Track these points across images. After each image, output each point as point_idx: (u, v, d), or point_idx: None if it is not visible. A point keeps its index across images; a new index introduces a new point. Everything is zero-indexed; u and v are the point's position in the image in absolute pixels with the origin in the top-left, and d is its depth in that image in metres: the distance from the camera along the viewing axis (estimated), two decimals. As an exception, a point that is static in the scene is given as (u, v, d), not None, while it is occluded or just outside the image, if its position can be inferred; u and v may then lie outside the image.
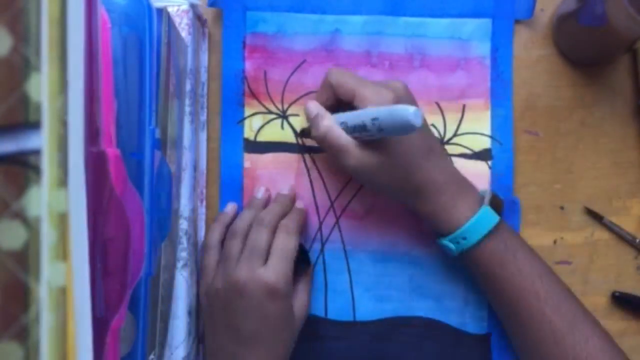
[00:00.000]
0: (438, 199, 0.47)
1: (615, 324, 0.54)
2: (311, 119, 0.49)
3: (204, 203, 0.54)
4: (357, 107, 0.46)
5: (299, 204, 0.53)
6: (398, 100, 0.46)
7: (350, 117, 0.46)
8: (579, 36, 0.53)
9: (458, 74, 0.54)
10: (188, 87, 0.49)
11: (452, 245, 0.48)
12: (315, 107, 0.49)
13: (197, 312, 0.52)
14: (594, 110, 0.55)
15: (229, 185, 0.54)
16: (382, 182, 0.48)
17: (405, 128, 0.41)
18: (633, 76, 0.55)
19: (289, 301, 0.47)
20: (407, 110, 0.41)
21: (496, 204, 0.49)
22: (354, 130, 0.46)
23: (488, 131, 0.54)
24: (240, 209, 0.54)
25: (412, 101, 0.48)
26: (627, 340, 0.54)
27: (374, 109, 0.44)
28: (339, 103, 0.49)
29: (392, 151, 0.46)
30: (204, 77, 0.54)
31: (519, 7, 0.55)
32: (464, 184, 0.49)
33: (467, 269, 0.51)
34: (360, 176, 0.48)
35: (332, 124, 0.47)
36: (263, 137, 0.54)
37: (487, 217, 0.47)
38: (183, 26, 0.49)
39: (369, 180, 0.48)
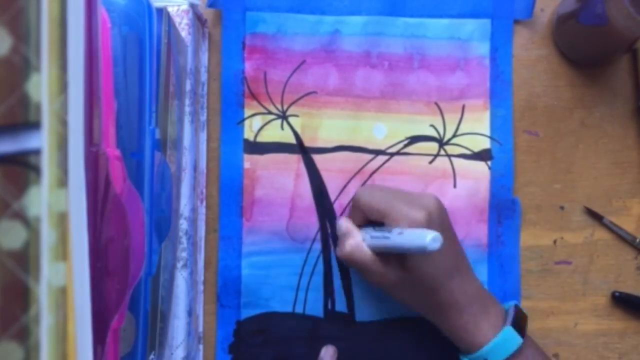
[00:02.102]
0: (460, 319, 0.47)
1: (615, 324, 0.54)
2: (339, 236, 0.50)
3: (204, 203, 0.54)
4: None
5: None
6: (430, 219, 0.45)
7: (377, 240, 0.46)
8: (579, 36, 0.53)
9: (457, 75, 0.55)
10: (188, 87, 0.49)
11: None
12: (344, 224, 0.50)
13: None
14: (594, 110, 0.55)
15: (229, 186, 0.54)
16: (404, 298, 0.48)
17: (422, 251, 0.41)
18: (633, 76, 0.55)
19: None
20: (425, 236, 0.41)
21: (521, 319, 0.48)
22: (379, 247, 0.46)
23: (487, 131, 0.54)
24: (240, 209, 0.54)
25: (444, 216, 0.47)
26: (627, 340, 0.54)
27: (396, 238, 0.44)
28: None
29: (415, 271, 0.46)
30: (204, 77, 0.54)
31: (518, 7, 0.55)
32: (487, 301, 0.48)
33: None
34: (384, 291, 0.49)
35: (358, 243, 0.47)
36: (263, 138, 0.54)
37: (510, 339, 0.46)
38: (183, 26, 0.49)
39: (393, 295, 0.49)
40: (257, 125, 0.54)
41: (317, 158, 0.54)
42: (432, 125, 0.54)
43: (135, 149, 0.37)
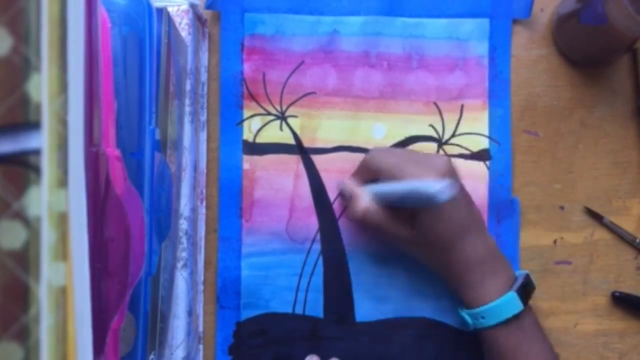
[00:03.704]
0: (467, 277, 0.48)
1: (615, 324, 0.54)
2: (347, 199, 0.51)
3: (204, 203, 0.54)
4: None
5: None
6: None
7: (384, 189, 0.47)
8: (579, 36, 0.53)
9: (456, 74, 0.55)
10: (188, 87, 0.49)
11: (469, 320, 0.48)
12: (350, 187, 0.51)
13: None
14: (594, 110, 0.55)
15: (228, 187, 0.54)
16: (417, 255, 0.50)
17: (431, 200, 0.42)
18: (633, 76, 0.55)
19: None
20: (434, 184, 0.41)
21: (528, 288, 0.48)
22: (389, 202, 0.46)
23: (486, 131, 0.54)
24: (239, 210, 0.54)
25: (455, 177, 0.47)
26: (627, 340, 0.54)
27: (406, 184, 0.44)
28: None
29: (426, 227, 0.46)
30: (204, 77, 0.54)
31: (516, 6, 0.55)
32: (498, 263, 0.48)
33: (479, 344, 0.50)
34: (396, 247, 0.50)
35: (368, 203, 0.48)
36: (262, 139, 0.54)
37: (511, 303, 0.46)
38: (183, 26, 0.49)
39: (403, 250, 0.50)
40: (256, 126, 0.54)
41: (317, 158, 0.54)
42: (431, 125, 0.54)
43: (135, 149, 0.37)
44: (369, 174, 0.50)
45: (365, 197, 0.48)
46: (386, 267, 0.54)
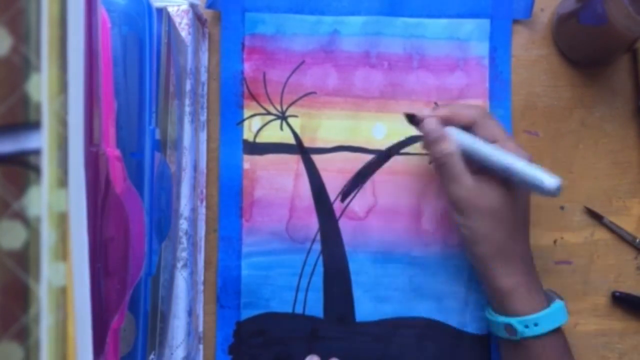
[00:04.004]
0: (524, 277, 0.46)
1: (615, 324, 0.54)
2: (431, 139, 0.47)
3: (204, 203, 0.54)
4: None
5: None
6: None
7: (481, 147, 0.45)
8: (579, 36, 0.53)
9: (457, 74, 0.55)
10: (188, 87, 0.49)
11: (519, 327, 0.46)
12: (436, 127, 0.47)
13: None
14: (594, 110, 0.55)
15: (229, 187, 0.54)
16: (481, 230, 0.46)
17: (540, 190, 0.41)
18: (633, 76, 0.55)
19: None
20: (550, 177, 0.41)
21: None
22: (475, 158, 0.45)
23: (487, 131, 0.54)
24: (239, 210, 0.54)
25: None
26: (627, 340, 0.54)
27: (520, 162, 0.43)
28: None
29: (508, 203, 0.45)
30: (204, 77, 0.54)
31: (517, 7, 0.55)
32: (536, 274, 0.48)
33: (509, 352, 0.49)
34: (460, 209, 0.46)
35: (454, 151, 0.46)
36: (262, 139, 0.54)
37: (561, 312, 0.46)
38: (183, 26, 0.49)
39: (465, 219, 0.46)
40: (256, 125, 0.54)
41: (317, 158, 0.54)
42: (431, 126, 0.54)
43: (135, 149, 0.37)
44: (465, 119, 0.47)
45: (451, 141, 0.46)
46: (386, 267, 0.54)
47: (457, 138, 0.46)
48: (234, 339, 0.53)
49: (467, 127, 0.47)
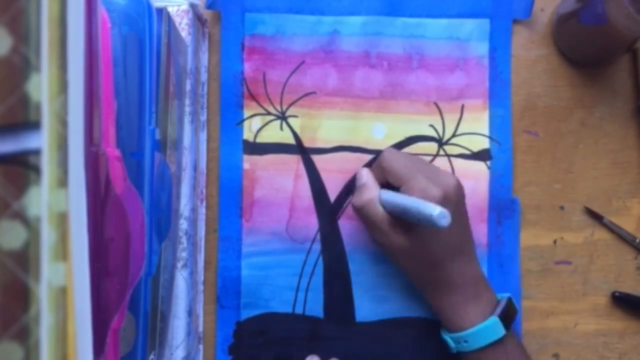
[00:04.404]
0: (451, 298, 0.48)
1: (615, 324, 0.54)
2: (357, 186, 0.50)
3: (204, 203, 0.54)
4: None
5: None
6: (445, 198, 0.45)
7: (391, 196, 0.47)
8: (579, 36, 0.53)
9: (457, 74, 0.55)
10: (188, 87, 0.49)
11: (452, 343, 0.49)
12: (365, 176, 0.50)
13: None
14: (594, 110, 0.55)
15: (229, 187, 0.54)
16: (404, 265, 0.49)
17: (429, 221, 0.42)
18: (633, 76, 0.55)
19: None
20: (433, 209, 0.41)
21: (510, 312, 0.48)
22: (392, 210, 0.46)
23: (487, 131, 0.54)
24: (239, 210, 0.54)
25: (460, 198, 0.48)
26: (627, 340, 0.54)
27: (410, 199, 0.44)
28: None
29: (419, 241, 0.46)
30: (204, 77, 0.54)
31: (517, 7, 0.55)
32: (481, 288, 0.49)
33: None
34: (386, 253, 0.50)
35: (373, 198, 0.48)
36: (262, 139, 0.54)
37: (493, 329, 0.47)
38: (183, 26, 0.49)
39: (393, 259, 0.50)
40: (256, 126, 0.54)
41: (317, 158, 0.54)
42: (431, 125, 0.54)
43: (135, 149, 0.37)
44: (380, 172, 0.49)
45: (373, 191, 0.48)
46: (386, 267, 0.54)
47: (379, 190, 0.48)
48: (234, 339, 0.53)
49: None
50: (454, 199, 0.46)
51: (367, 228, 0.49)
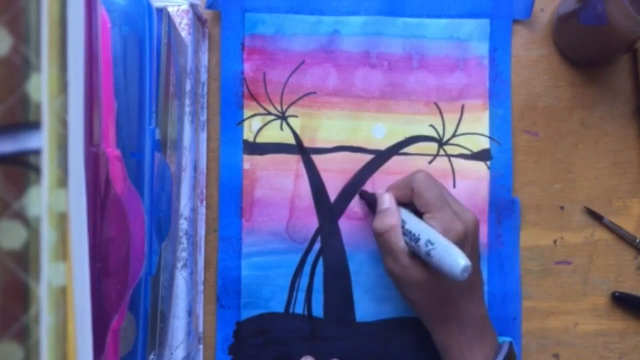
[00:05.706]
0: (457, 337, 0.47)
1: (615, 324, 0.54)
2: (379, 210, 0.49)
3: (204, 203, 0.54)
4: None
5: None
6: (466, 237, 0.45)
7: (413, 223, 0.46)
8: (579, 36, 0.53)
9: (457, 75, 0.55)
10: (188, 87, 0.49)
11: None
12: (388, 201, 0.49)
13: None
14: (594, 110, 0.55)
15: (229, 187, 0.54)
16: (415, 298, 0.48)
17: (450, 274, 0.42)
18: (633, 76, 0.55)
19: None
20: (458, 264, 0.41)
21: (511, 357, 0.48)
22: (409, 237, 0.46)
23: (487, 131, 0.54)
24: (239, 210, 0.54)
25: (476, 237, 0.47)
26: (627, 340, 0.54)
27: (435, 234, 0.44)
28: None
29: (437, 278, 0.45)
30: (204, 77, 0.54)
31: (517, 7, 0.55)
32: (486, 330, 0.48)
33: None
34: (397, 284, 0.48)
35: (396, 224, 0.47)
36: (262, 139, 0.54)
37: None
38: (183, 26, 0.49)
39: (403, 291, 0.48)
40: (256, 126, 0.54)
41: (317, 158, 0.54)
42: (431, 125, 0.54)
43: (135, 149, 0.37)
44: (408, 192, 0.48)
45: (395, 218, 0.47)
46: (386, 267, 0.54)
47: (402, 216, 0.47)
48: (234, 339, 0.53)
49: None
50: (472, 237, 0.46)
51: (383, 255, 0.48)
